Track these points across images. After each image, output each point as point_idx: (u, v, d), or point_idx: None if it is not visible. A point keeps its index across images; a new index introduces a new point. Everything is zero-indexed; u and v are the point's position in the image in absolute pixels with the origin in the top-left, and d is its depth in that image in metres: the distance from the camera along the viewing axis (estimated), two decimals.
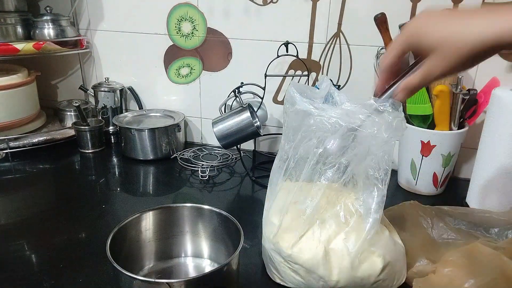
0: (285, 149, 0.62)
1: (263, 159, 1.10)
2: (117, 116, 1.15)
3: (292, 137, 0.60)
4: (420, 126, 0.89)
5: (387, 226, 0.64)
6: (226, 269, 0.53)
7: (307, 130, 0.57)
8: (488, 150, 0.82)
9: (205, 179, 0.98)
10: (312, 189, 0.59)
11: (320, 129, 0.54)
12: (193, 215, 0.65)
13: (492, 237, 0.69)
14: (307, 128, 0.56)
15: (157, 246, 0.65)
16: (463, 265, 0.57)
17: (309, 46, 1.03)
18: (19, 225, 0.79)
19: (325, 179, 0.58)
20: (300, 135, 0.58)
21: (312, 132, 0.56)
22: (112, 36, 1.18)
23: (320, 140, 0.55)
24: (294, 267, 0.59)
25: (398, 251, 0.61)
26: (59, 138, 1.12)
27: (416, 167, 0.91)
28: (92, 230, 0.77)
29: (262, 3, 1.02)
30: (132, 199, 0.91)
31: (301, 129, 0.57)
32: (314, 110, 0.55)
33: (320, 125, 0.54)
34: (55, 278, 0.63)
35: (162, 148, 1.08)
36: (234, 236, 0.59)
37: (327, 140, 0.54)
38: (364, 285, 0.59)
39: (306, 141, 0.57)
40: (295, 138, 0.59)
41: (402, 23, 0.87)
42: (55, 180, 1.00)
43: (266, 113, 1.05)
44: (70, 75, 1.28)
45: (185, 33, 1.11)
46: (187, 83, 1.17)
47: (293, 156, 0.60)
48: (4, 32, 1.08)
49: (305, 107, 0.56)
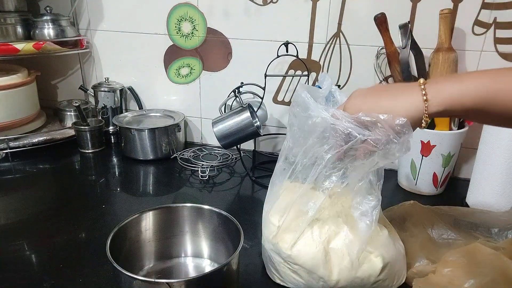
0: (292, 152, 0.61)
1: (263, 159, 1.11)
2: (117, 116, 1.15)
3: (303, 140, 0.59)
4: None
5: (386, 226, 0.64)
6: (226, 269, 0.53)
7: (320, 136, 0.56)
8: (488, 150, 0.82)
9: (205, 179, 0.98)
10: (316, 192, 0.59)
11: (334, 137, 0.53)
12: (193, 215, 0.65)
13: (492, 237, 0.69)
14: (319, 134, 0.56)
15: (157, 246, 0.65)
16: (463, 265, 0.57)
17: (309, 46, 1.03)
18: (19, 225, 0.79)
19: (330, 183, 0.57)
20: (311, 139, 0.57)
21: (325, 139, 0.55)
22: (112, 36, 1.18)
23: (331, 147, 0.55)
24: (294, 267, 0.59)
25: (397, 251, 0.61)
26: (59, 138, 1.12)
27: (416, 167, 0.91)
28: (92, 230, 0.77)
29: (262, 3, 1.02)
30: (132, 199, 0.91)
31: (313, 134, 0.57)
32: (328, 117, 0.54)
33: (333, 132, 0.53)
34: (55, 278, 0.63)
35: (162, 148, 1.08)
36: (234, 236, 0.59)
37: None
38: (364, 285, 0.59)
39: (318, 146, 0.57)
40: (306, 142, 0.58)
41: (402, 23, 0.88)
42: (55, 180, 1.00)
43: (266, 113, 1.05)
44: (70, 75, 1.28)
45: (185, 33, 1.11)
46: (187, 83, 1.17)
47: (301, 160, 0.59)
48: (4, 32, 1.08)
49: (319, 113, 0.55)
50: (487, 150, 0.82)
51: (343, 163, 0.54)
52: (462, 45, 0.92)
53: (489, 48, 0.91)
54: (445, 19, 0.86)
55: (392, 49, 0.89)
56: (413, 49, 0.89)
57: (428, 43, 0.91)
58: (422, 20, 0.93)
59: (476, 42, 0.91)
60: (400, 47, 0.88)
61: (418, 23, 0.93)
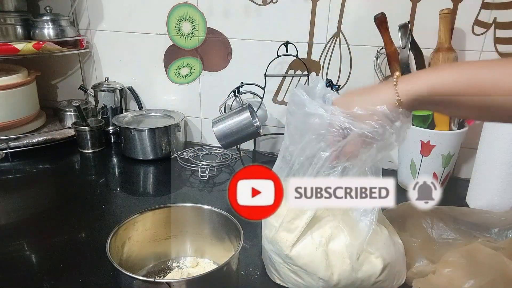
0: (289, 150, 0.61)
1: (263, 159, 1.10)
2: (117, 116, 1.15)
3: (299, 138, 0.59)
4: (420, 126, 0.89)
5: (386, 227, 0.64)
6: (226, 269, 0.53)
7: (316, 133, 0.56)
8: (488, 150, 0.82)
9: (205, 179, 0.98)
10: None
11: (331, 133, 0.54)
12: (193, 215, 0.65)
13: (492, 237, 0.69)
14: (316, 131, 0.56)
15: (157, 246, 0.65)
16: (463, 265, 0.57)
17: (309, 46, 1.03)
18: (19, 225, 0.79)
19: None
20: (307, 137, 0.57)
21: (321, 135, 0.56)
22: (112, 36, 1.18)
23: (328, 145, 0.55)
24: (294, 268, 0.59)
25: (397, 252, 0.61)
26: (59, 138, 1.12)
27: (416, 167, 0.91)
28: (92, 230, 0.77)
29: (262, 3, 1.02)
30: (132, 199, 0.91)
31: (309, 131, 0.57)
32: (325, 113, 0.54)
33: (330, 128, 0.53)
34: (55, 278, 0.63)
35: (162, 148, 1.08)
36: (234, 236, 0.59)
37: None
38: (364, 286, 0.59)
39: (314, 143, 0.57)
40: (302, 140, 0.58)
41: (402, 23, 0.88)
42: (55, 180, 1.00)
43: (266, 113, 1.05)
44: (70, 75, 1.28)
45: (185, 33, 1.11)
46: (187, 83, 1.17)
47: (298, 158, 0.59)
48: (4, 32, 1.08)
49: (316, 110, 0.55)
50: (487, 150, 0.82)
51: (340, 162, 0.55)
52: (462, 45, 0.92)
53: (489, 48, 0.91)
54: (445, 19, 0.86)
55: (392, 49, 0.89)
56: (413, 49, 0.89)
57: (428, 43, 0.91)
58: (422, 20, 0.93)
59: (476, 42, 0.91)
60: (400, 47, 0.88)
61: (418, 23, 0.93)
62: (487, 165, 0.83)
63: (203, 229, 0.66)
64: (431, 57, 0.90)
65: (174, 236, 0.66)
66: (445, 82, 0.46)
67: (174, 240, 0.66)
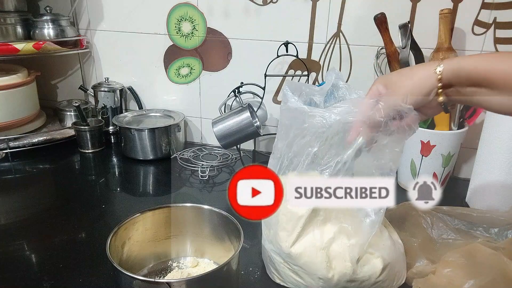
0: (278, 147, 0.61)
1: (263, 159, 1.10)
2: (117, 116, 1.14)
3: (285, 135, 0.59)
4: (420, 126, 0.87)
5: (386, 227, 0.64)
6: (226, 269, 0.53)
7: (300, 128, 0.57)
8: (488, 150, 0.82)
9: (205, 179, 0.98)
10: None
11: (314, 126, 0.54)
12: (193, 215, 0.65)
13: (492, 237, 0.69)
14: (299, 125, 0.56)
15: (157, 246, 0.65)
16: (463, 265, 0.57)
17: (309, 46, 1.03)
18: (19, 225, 0.79)
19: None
20: (292, 132, 0.58)
21: (306, 130, 0.56)
22: (112, 36, 1.18)
23: (314, 138, 0.55)
24: (294, 268, 0.59)
25: (397, 252, 0.61)
26: (59, 138, 1.12)
27: (416, 167, 0.91)
28: (92, 230, 0.77)
29: (262, 3, 1.02)
30: (132, 199, 0.91)
31: (294, 126, 0.57)
32: (306, 108, 0.55)
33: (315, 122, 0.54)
34: (55, 278, 0.63)
35: (162, 148, 1.08)
36: (234, 236, 0.59)
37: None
38: (364, 286, 0.59)
39: (299, 139, 0.57)
40: (288, 136, 0.59)
41: (402, 23, 0.88)
42: (55, 180, 1.00)
43: (266, 113, 1.05)
44: (70, 75, 1.28)
45: (185, 33, 1.11)
46: (187, 83, 1.17)
47: (286, 154, 0.59)
48: (4, 32, 1.08)
49: (296, 105, 0.56)
50: (487, 150, 0.82)
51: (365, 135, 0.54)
52: (462, 45, 0.92)
53: (489, 48, 0.91)
54: (445, 19, 0.86)
55: (392, 49, 0.89)
56: (413, 49, 0.89)
57: (428, 43, 0.91)
58: (422, 20, 0.93)
59: (476, 42, 0.91)
60: (400, 47, 0.88)
61: (418, 23, 0.93)
62: (487, 165, 0.83)
63: (203, 229, 0.66)
64: (431, 57, 0.90)
65: (174, 236, 0.66)
66: (489, 63, 0.47)
67: (174, 240, 0.66)
